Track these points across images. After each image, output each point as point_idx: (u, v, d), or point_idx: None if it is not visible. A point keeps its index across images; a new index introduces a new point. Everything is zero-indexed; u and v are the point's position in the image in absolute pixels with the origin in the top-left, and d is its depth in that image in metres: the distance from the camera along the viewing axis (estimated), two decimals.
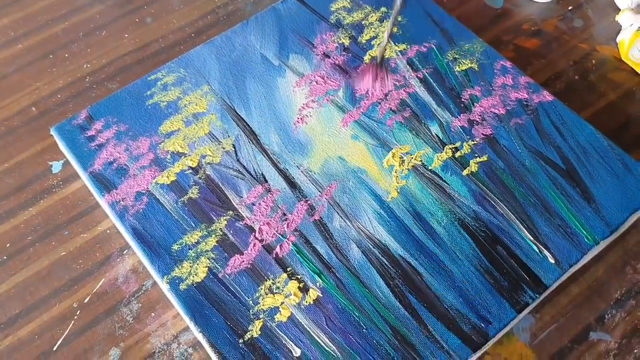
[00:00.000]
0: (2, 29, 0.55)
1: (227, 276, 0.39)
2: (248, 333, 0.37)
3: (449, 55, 0.49)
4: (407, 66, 0.49)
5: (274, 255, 0.40)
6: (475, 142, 0.45)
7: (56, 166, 0.47)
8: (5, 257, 0.43)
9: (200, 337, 0.38)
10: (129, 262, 0.43)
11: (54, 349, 0.39)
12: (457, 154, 0.44)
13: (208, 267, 0.40)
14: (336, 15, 0.52)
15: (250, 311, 0.38)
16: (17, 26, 0.55)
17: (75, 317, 0.41)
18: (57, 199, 0.45)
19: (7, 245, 0.43)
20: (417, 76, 0.48)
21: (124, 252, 0.43)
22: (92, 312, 0.41)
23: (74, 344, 0.40)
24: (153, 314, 0.41)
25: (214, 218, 0.41)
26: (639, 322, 0.40)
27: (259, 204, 0.42)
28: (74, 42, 0.54)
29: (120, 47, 0.54)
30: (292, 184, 0.43)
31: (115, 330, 0.40)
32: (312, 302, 0.38)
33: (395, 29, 0.32)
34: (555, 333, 0.40)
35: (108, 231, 0.44)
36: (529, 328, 0.40)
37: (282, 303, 0.38)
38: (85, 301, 0.41)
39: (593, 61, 0.53)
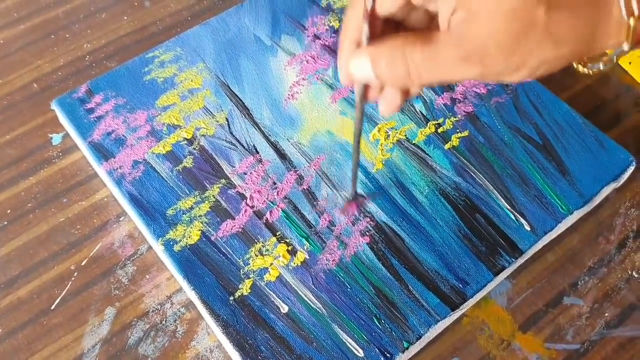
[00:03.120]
0: (5, 10, 0.57)
1: (219, 239, 0.41)
2: (238, 291, 0.39)
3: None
4: None
5: (264, 221, 0.42)
6: (457, 118, 0.47)
7: (56, 138, 0.49)
8: (5, 222, 0.45)
9: (192, 295, 0.39)
10: (125, 228, 0.45)
11: (52, 307, 0.41)
12: (440, 130, 0.46)
13: (201, 230, 0.42)
14: (327, 0, 0.54)
15: (241, 271, 0.40)
16: (20, 7, 0.57)
17: (73, 279, 0.42)
18: (56, 169, 0.47)
19: (8, 211, 0.45)
20: None
21: (121, 219, 0.45)
22: (89, 274, 0.43)
23: (71, 303, 0.41)
24: (147, 276, 0.43)
25: (207, 186, 0.43)
26: (610, 288, 0.43)
27: (251, 173, 0.44)
28: (74, 23, 0.56)
29: (119, 28, 0.56)
30: (282, 155, 0.45)
31: (111, 291, 0.42)
32: (299, 264, 0.40)
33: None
34: (531, 297, 0.42)
35: (105, 199, 0.46)
36: (505, 293, 0.42)
37: (271, 264, 0.40)
38: (83, 264, 0.43)
39: None
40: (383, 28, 0.30)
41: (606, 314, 0.42)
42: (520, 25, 0.25)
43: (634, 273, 0.43)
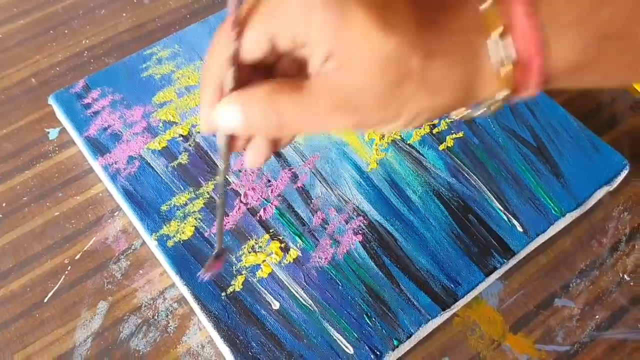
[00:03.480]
0: (5, 5, 0.57)
1: (213, 235, 0.41)
2: (230, 287, 0.39)
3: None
4: None
5: (258, 218, 0.42)
6: (452, 119, 0.47)
7: (52, 133, 0.49)
8: (0, 216, 0.45)
9: (184, 290, 0.40)
10: (119, 223, 0.45)
11: (45, 300, 0.41)
12: (435, 130, 0.47)
13: (195, 226, 0.42)
14: None
15: (233, 267, 0.40)
16: (20, 2, 0.57)
17: (66, 273, 0.43)
18: (52, 164, 0.48)
19: (3, 204, 0.45)
20: None
21: (115, 214, 0.45)
22: (83, 268, 0.43)
23: (65, 296, 0.42)
24: (141, 272, 0.43)
25: (202, 182, 0.44)
26: (601, 291, 0.43)
27: (245, 170, 0.44)
28: (74, 19, 0.56)
29: (118, 25, 0.56)
30: (277, 153, 0.45)
31: (104, 285, 0.42)
32: (292, 261, 0.41)
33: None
34: (522, 299, 0.42)
35: (100, 194, 0.46)
36: (497, 293, 0.42)
37: (264, 261, 0.41)
38: (76, 258, 0.43)
39: None
40: (249, 74, 0.28)
41: (597, 317, 0.42)
42: (395, 75, 0.24)
43: (625, 276, 0.43)
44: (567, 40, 0.24)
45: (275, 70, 0.29)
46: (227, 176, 0.30)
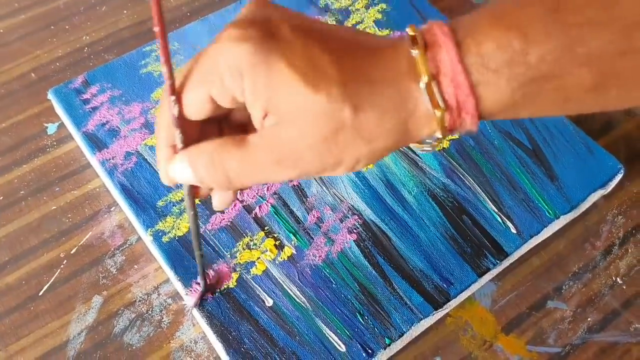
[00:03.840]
0: (7, 0, 0.57)
1: (208, 231, 0.42)
2: (225, 284, 0.40)
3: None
4: None
5: (253, 215, 0.43)
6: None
7: (51, 128, 0.49)
8: None
9: (179, 285, 0.40)
10: (115, 218, 0.45)
11: (40, 294, 0.42)
12: None
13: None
14: (325, 0, 0.55)
15: (228, 264, 0.40)
16: None
17: (62, 266, 0.43)
18: (50, 158, 0.48)
19: (1, 198, 0.46)
20: None
21: (112, 209, 0.45)
22: (78, 263, 0.43)
23: (60, 290, 0.42)
24: (136, 267, 0.43)
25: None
26: (594, 294, 0.43)
27: None
28: (75, 15, 0.57)
29: (118, 21, 0.56)
30: None
31: (99, 279, 0.42)
32: (286, 259, 0.41)
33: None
34: (515, 300, 0.43)
35: (97, 189, 0.46)
36: (490, 294, 0.43)
37: (258, 258, 0.41)
38: (72, 252, 0.43)
39: None
40: (202, 127, 0.29)
41: (589, 319, 0.42)
42: (329, 128, 0.25)
43: (618, 279, 0.43)
44: (499, 82, 0.24)
45: (229, 120, 0.30)
46: (198, 222, 0.32)
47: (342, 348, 0.38)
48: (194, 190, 0.31)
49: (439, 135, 0.26)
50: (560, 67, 0.24)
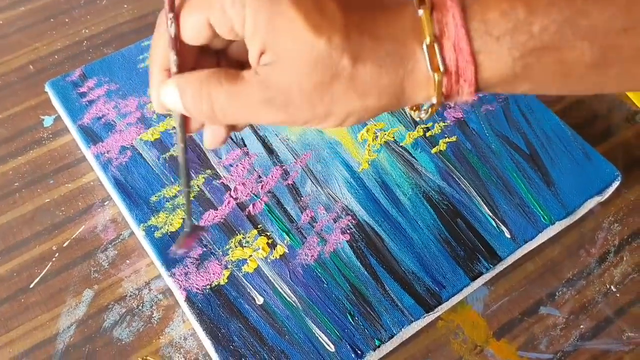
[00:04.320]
0: None
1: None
2: (215, 280, 0.39)
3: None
4: None
5: (247, 213, 0.42)
6: (446, 123, 0.47)
7: (47, 120, 0.49)
8: None
9: (170, 281, 0.40)
10: (109, 212, 0.45)
11: (31, 286, 0.42)
12: (428, 134, 0.47)
13: (183, 218, 0.42)
14: None
15: (220, 261, 0.40)
16: None
17: (54, 259, 0.43)
18: (45, 151, 0.48)
19: None
20: None
21: (105, 203, 0.45)
22: (70, 256, 0.43)
23: (51, 283, 0.42)
24: (128, 261, 0.43)
25: (193, 175, 0.44)
26: (587, 301, 0.43)
27: (237, 165, 0.44)
28: (75, 8, 0.57)
29: (118, 16, 0.56)
30: (269, 150, 0.45)
31: (90, 273, 0.42)
32: (278, 257, 0.41)
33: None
34: (507, 305, 0.42)
35: (92, 183, 0.46)
36: (482, 299, 0.42)
37: (250, 256, 0.41)
38: (64, 245, 0.43)
39: None
40: (199, 57, 0.29)
41: (581, 326, 0.42)
42: (324, 75, 0.24)
43: (612, 287, 0.43)
44: (500, 51, 0.24)
45: (227, 55, 0.29)
46: (187, 155, 0.31)
47: (332, 348, 0.37)
48: (185, 121, 0.30)
49: (434, 100, 0.25)
50: (562, 39, 0.24)
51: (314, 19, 0.24)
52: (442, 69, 0.24)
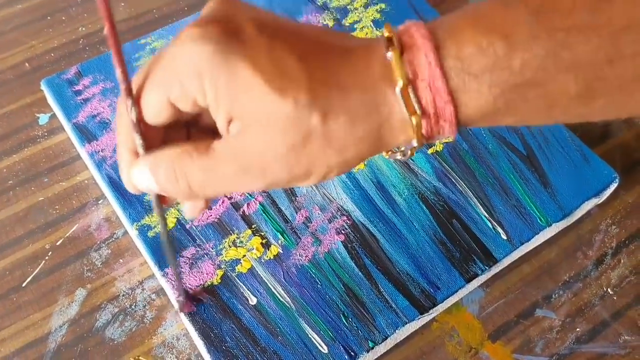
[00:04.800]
0: None
1: (194, 227, 0.41)
2: (208, 280, 0.39)
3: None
4: None
5: (241, 213, 0.42)
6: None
7: (43, 118, 0.49)
8: None
9: (163, 281, 0.39)
10: (103, 211, 0.45)
11: (23, 285, 0.41)
12: None
13: (177, 217, 0.42)
14: None
15: (213, 261, 0.40)
16: None
17: (47, 258, 0.42)
18: (40, 149, 0.47)
19: None
20: None
21: (99, 202, 0.45)
22: (63, 255, 0.43)
23: (43, 282, 0.41)
24: (121, 260, 0.43)
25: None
26: (584, 303, 0.42)
27: None
28: (72, 6, 0.56)
29: (115, 14, 0.55)
30: None
31: (83, 272, 0.42)
32: (272, 257, 0.40)
33: (374, 21, 0.31)
34: (503, 307, 0.42)
35: (86, 181, 0.46)
36: (478, 301, 0.42)
37: (244, 256, 0.40)
38: (58, 244, 0.43)
39: None
40: (168, 132, 0.28)
41: (577, 329, 0.41)
42: (297, 136, 0.23)
43: (609, 290, 0.43)
44: (480, 89, 0.23)
45: (199, 123, 0.28)
46: (168, 229, 0.31)
47: (325, 349, 0.37)
48: (161, 198, 0.30)
49: (415, 143, 0.25)
50: (545, 74, 0.23)
51: (275, 81, 0.23)
52: (419, 112, 0.23)
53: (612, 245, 0.45)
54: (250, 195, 0.43)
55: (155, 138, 0.27)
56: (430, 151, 0.45)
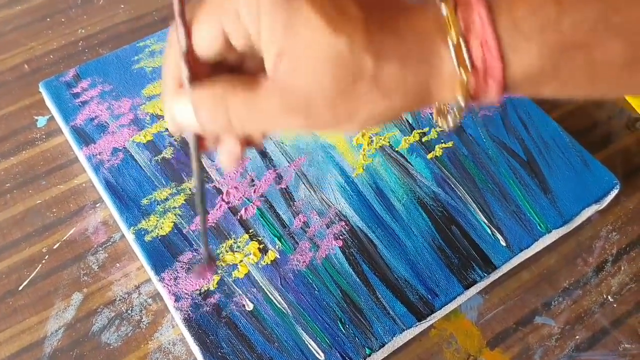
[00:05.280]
0: None
1: (191, 232, 0.41)
2: (205, 286, 0.39)
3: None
4: None
5: (238, 217, 0.42)
6: (442, 129, 0.46)
7: (41, 121, 0.49)
8: None
9: (159, 286, 0.39)
10: (100, 214, 0.44)
11: (20, 288, 0.41)
12: (424, 139, 0.46)
13: (174, 222, 0.41)
14: None
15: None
16: None
17: (43, 261, 0.42)
18: (38, 151, 0.47)
19: None
20: None
21: (97, 205, 0.45)
22: (60, 258, 0.42)
23: (40, 285, 0.41)
24: (118, 265, 0.42)
25: (185, 178, 0.43)
26: (584, 311, 0.42)
27: None
28: (71, 8, 0.56)
29: (115, 16, 0.56)
30: (263, 153, 0.45)
31: (80, 276, 0.42)
32: (269, 263, 0.40)
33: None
34: (502, 314, 0.42)
35: (84, 184, 0.46)
36: (477, 307, 0.42)
37: (241, 261, 0.40)
38: (55, 247, 0.43)
39: None
40: (212, 74, 0.27)
41: (577, 337, 0.41)
42: (347, 75, 0.23)
43: (609, 297, 0.42)
44: (529, 48, 0.23)
45: (243, 69, 0.28)
46: (203, 177, 0.29)
47: (321, 356, 0.37)
48: (200, 141, 0.29)
49: (461, 101, 0.25)
50: (594, 37, 0.23)
51: (333, 18, 0.23)
52: (469, 66, 0.24)
53: (613, 252, 0.44)
54: (248, 200, 0.43)
55: (201, 74, 0.27)
56: (429, 156, 0.45)
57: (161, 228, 0.41)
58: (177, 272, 0.39)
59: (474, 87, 0.24)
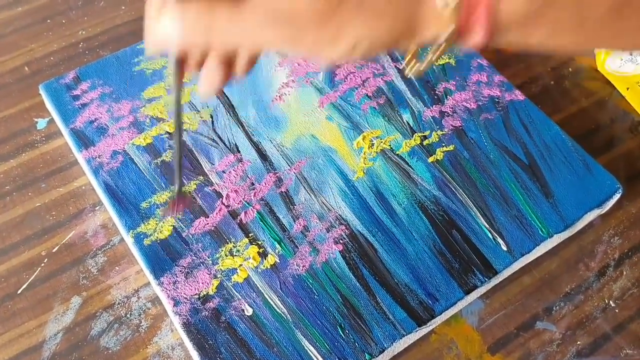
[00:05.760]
0: None
1: (191, 236, 0.41)
2: (204, 290, 0.39)
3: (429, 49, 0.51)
4: (387, 56, 0.50)
5: (238, 221, 0.42)
6: (444, 132, 0.46)
7: (41, 123, 0.49)
8: None
9: (158, 290, 0.39)
10: (99, 217, 0.44)
11: (19, 292, 0.41)
12: (425, 142, 0.46)
13: (173, 226, 0.41)
14: None
15: (209, 270, 0.40)
16: None
17: (42, 265, 0.42)
18: (38, 154, 0.47)
19: None
20: (395, 66, 0.50)
21: (96, 208, 0.45)
22: (59, 261, 0.42)
23: (39, 289, 0.41)
24: (117, 268, 0.42)
25: (185, 181, 0.43)
26: (585, 316, 0.42)
27: (230, 172, 0.44)
28: (72, 9, 0.56)
29: (116, 17, 0.56)
30: (263, 156, 0.45)
31: (79, 280, 0.42)
32: (269, 267, 0.40)
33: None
34: (503, 319, 0.41)
35: (83, 187, 0.46)
36: (477, 312, 0.41)
37: (241, 265, 0.40)
38: (54, 250, 0.43)
39: (570, 69, 0.54)
40: None
41: (578, 342, 0.41)
42: None
43: (610, 302, 0.42)
44: None
45: None
46: (181, 107, 0.29)
47: None
48: (181, 65, 0.28)
49: (445, 35, 0.24)
50: None
51: None
52: (453, 4, 0.24)
53: (615, 257, 0.44)
54: (248, 203, 0.42)
55: None
56: (430, 160, 0.45)
57: (160, 232, 0.41)
58: (176, 277, 0.39)
59: (458, 23, 0.24)
